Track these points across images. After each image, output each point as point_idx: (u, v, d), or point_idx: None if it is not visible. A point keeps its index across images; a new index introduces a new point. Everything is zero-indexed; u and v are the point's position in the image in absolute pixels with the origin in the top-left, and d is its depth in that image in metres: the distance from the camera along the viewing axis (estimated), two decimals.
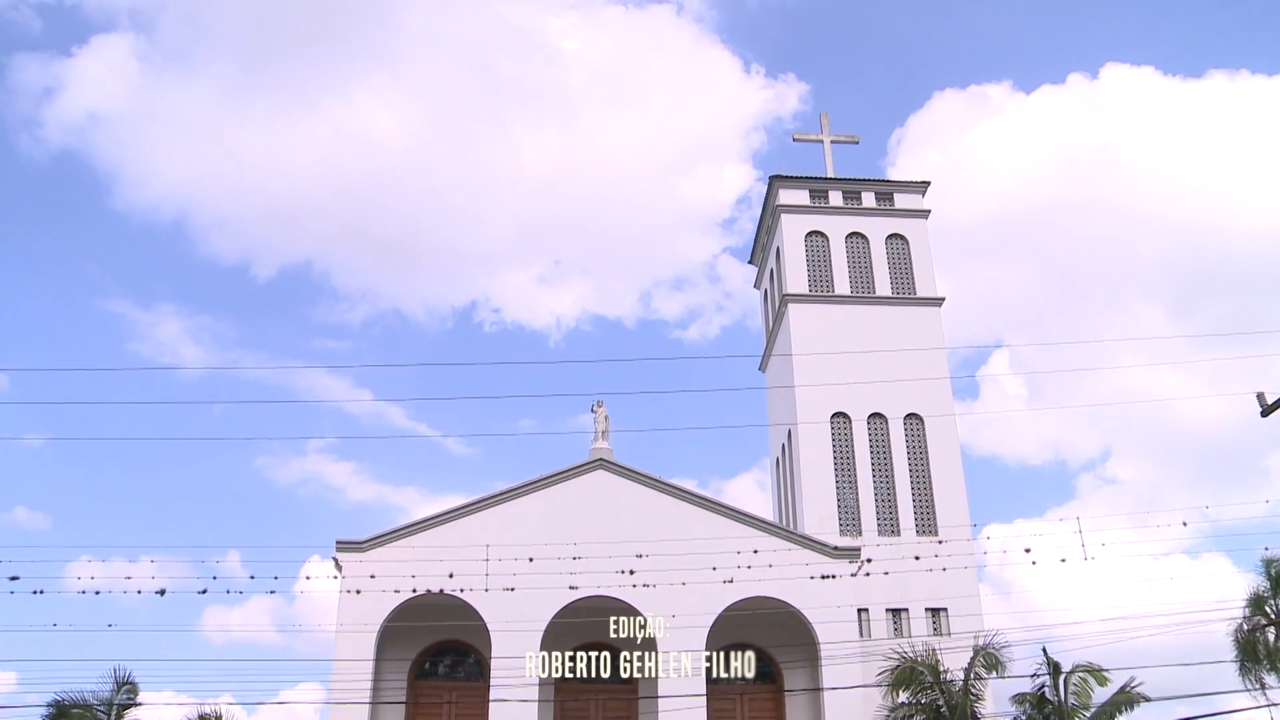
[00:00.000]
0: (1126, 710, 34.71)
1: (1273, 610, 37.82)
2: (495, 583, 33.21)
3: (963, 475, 46.45)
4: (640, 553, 30.95)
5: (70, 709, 32.96)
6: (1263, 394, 21.66)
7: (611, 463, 40.73)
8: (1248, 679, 36.89)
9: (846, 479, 46.18)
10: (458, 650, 41.14)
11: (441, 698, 40.51)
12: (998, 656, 34.30)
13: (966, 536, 41.77)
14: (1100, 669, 34.84)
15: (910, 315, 49.31)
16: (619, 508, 39.11)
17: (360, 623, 36.81)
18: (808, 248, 51.06)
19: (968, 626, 39.26)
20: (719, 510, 40.30)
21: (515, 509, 39.22)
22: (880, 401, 46.91)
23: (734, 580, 34.30)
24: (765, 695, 41.24)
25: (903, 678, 34.41)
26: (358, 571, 36.93)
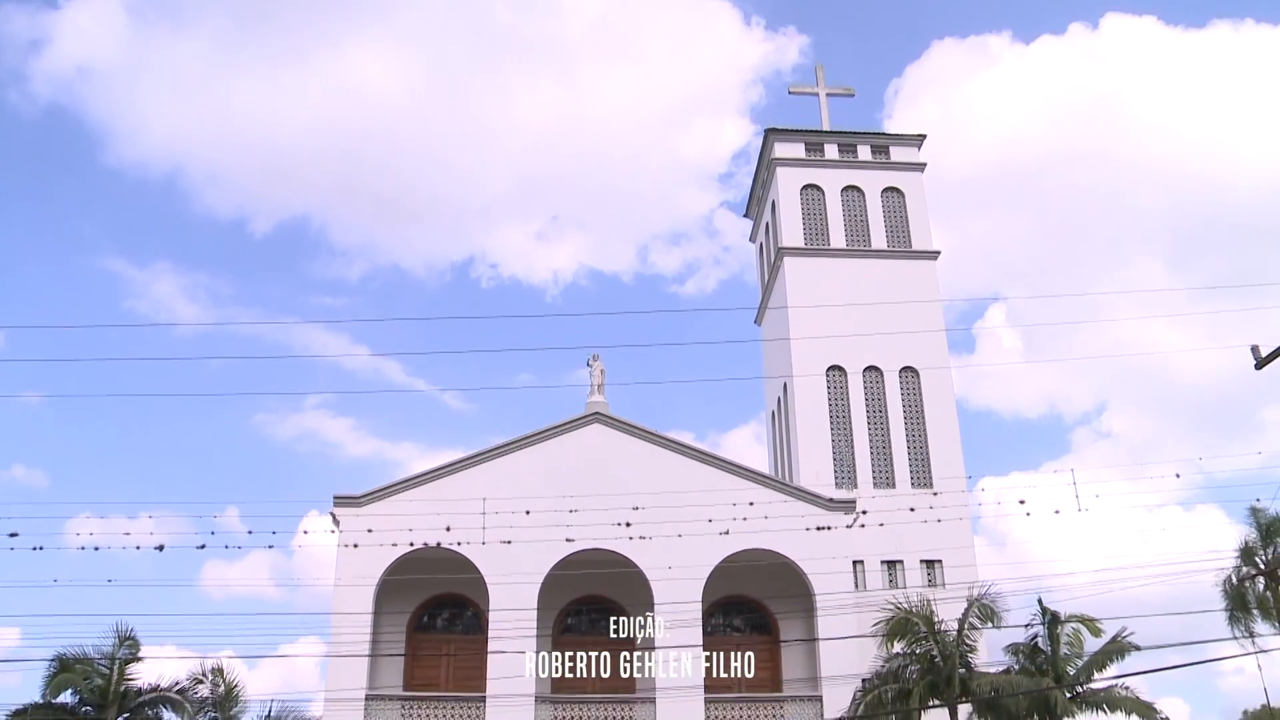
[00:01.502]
0: (1118, 659, 35.10)
1: (1262, 560, 38.11)
2: (492, 536, 33.36)
3: (958, 428, 46.62)
4: (636, 505, 31.04)
5: (73, 664, 33.21)
6: (1257, 346, 21.67)
7: (607, 416, 40.83)
8: (1237, 628, 37.24)
9: (842, 432, 46.31)
10: (456, 603, 41.43)
11: (440, 650, 40.85)
12: (992, 607, 34.58)
13: (961, 488, 41.98)
14: (1093, 619, 35.17)
15: (906, 268, 49.27)
16: (615, 461, 39.26)
17: (359, 576, 37.03)
18: (803, 201, 50.90)
19: (962, 578, 39.53)
20: (715, 463, 40.47)
21: (512, 463, 39.35)
22: (876, 354, 46.96)
23: (730, 532, 34.49)
24: (761, 646, 41.60)
25: (897, 629, 34.71)
26: (355, 526, 37.10)
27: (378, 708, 37.13)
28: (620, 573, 37.96)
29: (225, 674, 34.07)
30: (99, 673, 33.43)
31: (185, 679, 34.46)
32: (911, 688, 33.87)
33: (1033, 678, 34.60)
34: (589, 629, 41.86)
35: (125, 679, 33.76)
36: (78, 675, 33.13)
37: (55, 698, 33.39)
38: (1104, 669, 35.12)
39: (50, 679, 33.14)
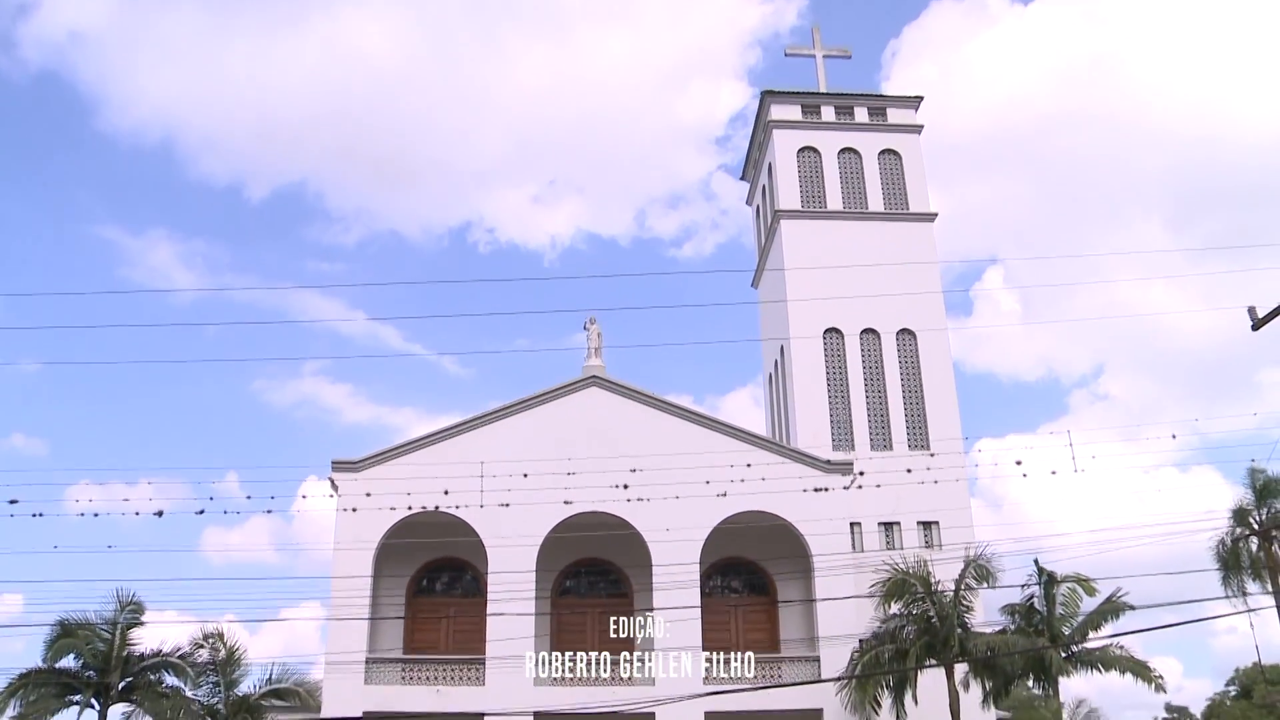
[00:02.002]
0: (1113, 619, 35.38)
1: (1256, 521, 38.30)
2: (491, 499, 33.46)
3: (955, 390, 46.70)
4: (634, 468, 31.12)
5: (75, 629, 33.39)
6: (1254, 308, 21.67)
7: (604, 379, 40.84)
8: (1229, 587, 37.48)
9: (839, 394, 46.38)
10: (455, 567, 41.61)
11: (440, 613, 41.07)
12: (988, 568, 34.79)
13: (958, 450, 42.12)
14: (1088, 579, 35.41)
15: (903, 231, 49.17)
16: (613, 424, 39.31)
17: (358, 540, 37.17)
18: (800, 163, 50.73)
19: (959, 539, 39.77)
20: (712, 425, 40.53)
21: (509, 427, 39.41)
22: (873, 317, 46.96)
23: (727, 494, 34.58)
24: (759, 607, 41.86)
25: (894, 589, 34.93)
26: (354, 490, 37.21)
27: (378, 670, 37.36)
28: (618, 535, 38.08)
29: (226, 638, 34.27)
30: (101, 638, 33.63)
31: (187, 644, 34.71)
32: (908, 648, 34.14)
33: (1028, 637, 34.90)
34: (587, 591, 42.11)
35: (127, 644, 33.99)
36: (80, 640, 33.33)
37: (57, 662, 33.63)
38: (1099, 628, 35.45)
39: (52, 644, 33.35)
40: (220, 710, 33.33)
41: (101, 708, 33.54)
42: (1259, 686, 73.42)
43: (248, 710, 33.28)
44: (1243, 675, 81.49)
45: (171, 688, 34.64)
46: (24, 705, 33.00)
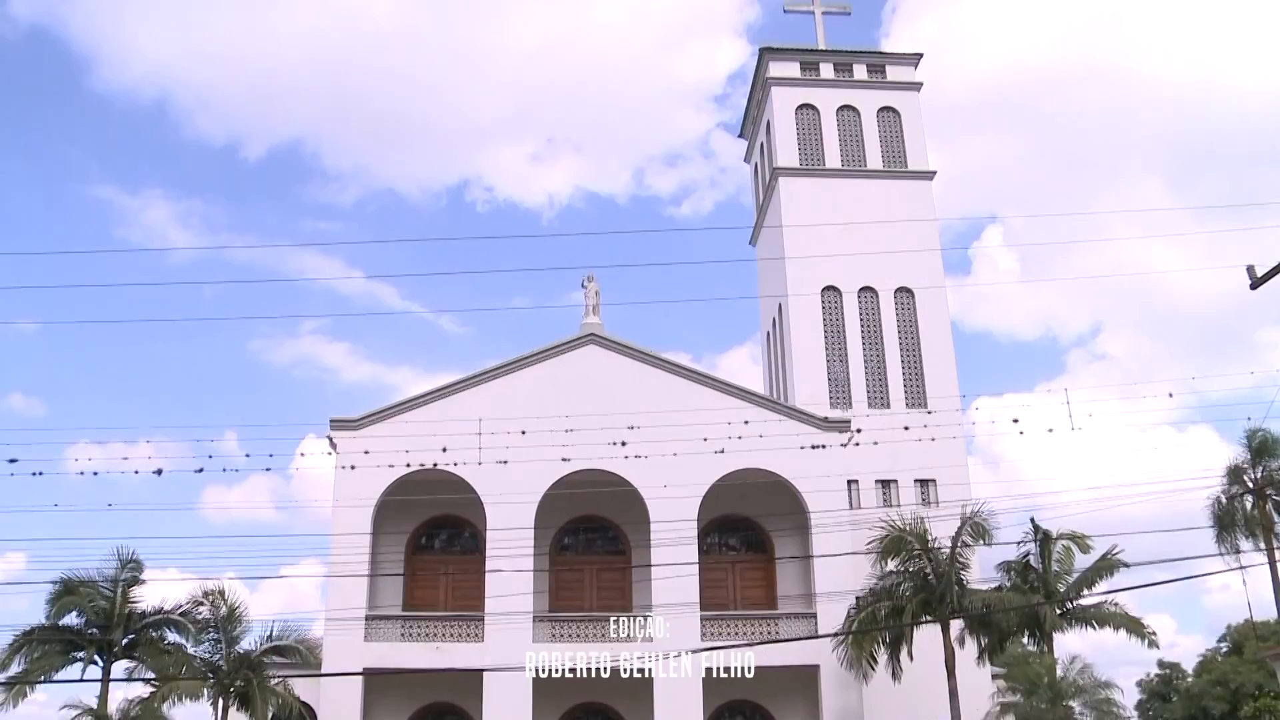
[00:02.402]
0: (1108, 576, 35.60)
1: (1251, 480, 38.52)
2: (489, 457, 33.49)
3: (952, 348, 46.75)
4: (632, 425, 31.15)
5: (77, 586, 33.56)
6: (1252, 266, 21.60)
7: (602, 337, 40.81)
8: (1223, 545, 37.74)
9: (837, 352, 46.41)
10: (454, 524, 41.78)
11: (439, 570, 41.30)
12: (984, 525, 34.92)
13: (956, 408, 42.20)
14: (1083, 536, 35.59)
15: (901, 189, 49.01)
16: (610, 381, 39.32)
17: (357, 498, 37.30)
18: (798, 121, 50.49)
19: (955, 496, 39.91)
20: (710, 383, 40.56)
21: (507, 384, 39.42)
22: (871, 275, 46.91)
23: (725, 451, 34.63)
24: (756, 564, 42.10)
25: (891, 547, 35.10)
26: (352, 448, 37.26)
27: (378, 627, 37.62)
28: (616, 492, 38.20)
29: (227, 595, 34.46)
30: (102, 595, 33.82)
31: (188, 601, 34.89)
32: (905, 604, 34.36)
33: (1024, 594, 35.12)
34: (585, 549, 42.32)
35: (128, 601, 34.20)
36: (82, 598, 33.52)
37: (61, 620, 33.83)
38: (1093, 586, 35.64)
39: (55, 601, 33.55)
40: (222, 667, 33.55)
41: (105, 664, 33.81)
42: (1250, 643, 74.05)
43: (249, 667, 33.50)
44: (1234, 632, 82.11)
45: (173, 644, 34.91)
46: (29, 662, 33.26)
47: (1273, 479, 38.22)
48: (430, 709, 40.03)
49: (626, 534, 41.11)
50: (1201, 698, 77.30)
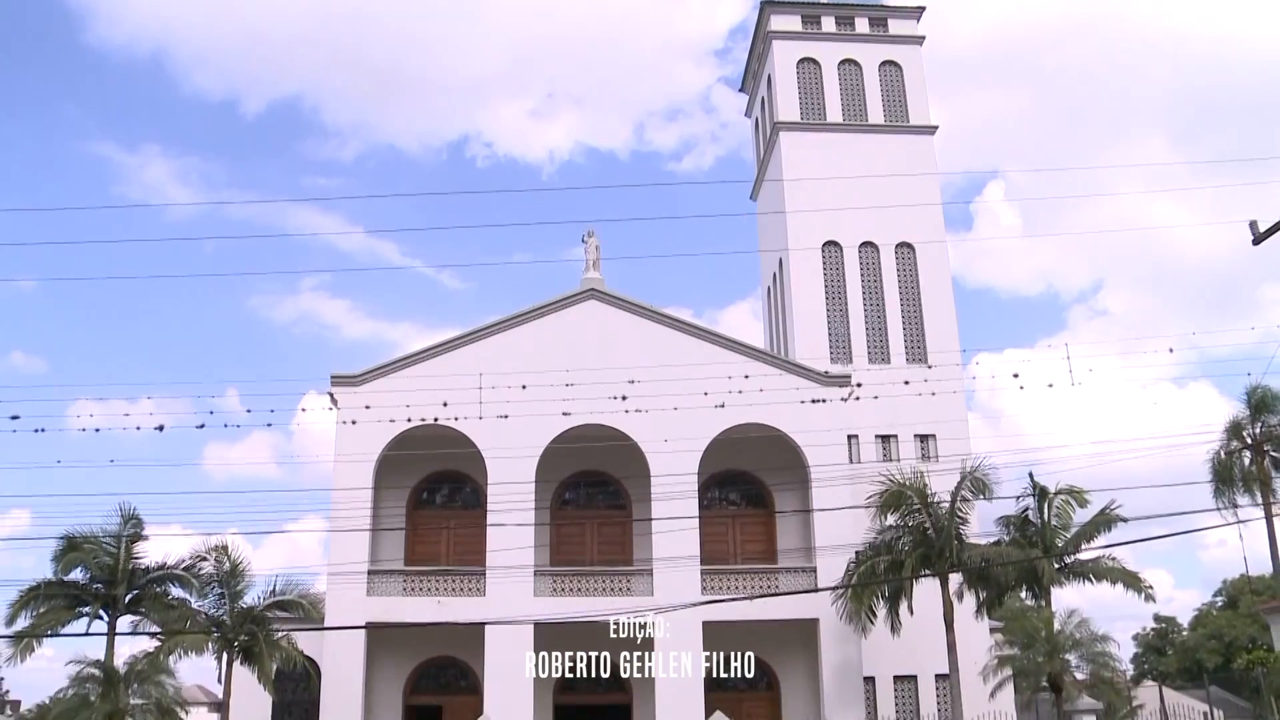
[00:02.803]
0: (1106, 531, 35.76)
1: (1250, 436, 38.62)
2: (489, 411, 33.53)
3: (953, 302, 46.68)
4: (632, 380, 31.17)
5: (81, 542, 33.70)
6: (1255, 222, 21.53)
7: (603, 292, 40.75)
8: (1221, 500, 37.90)
9: (837, 307, 46.36)
10: (455, 480, 41.92)
11: (440, 525, 41.49)
12: (984, 480, 35.04)
13: (956, 363, 42.23)
14: (1081, 491, 35.72)
15: (903, 143, 48.73)
16: (611, 336, 39.31)
17: (358, 453, 37.41)
18: (799, 75, 50.13)
19: (955, 451, 40.03)
20: (710, 338, 40.56)
21: (508, 340, 39.41)
22: (872, 230, 46.77)
23: (725, 406, 34.68)
24: (756, 519, 42.30)
25: (891, 501, 35.26)
26: (353, 403, 37.33)
27: (380, 582, 37.86)
28: (617, 446, 38.30)
29: (230, 551, 34.60)
30: (106, 551, 33.96)
31: (191, 556, 35.05)
32: (904, 559, 34.56)
33: (1022, 549, 35.29)
34: (586, 503, 42.51)
35: (132, 557, 34.35)
36: (86, 554, 33.67)
37: (66, 575, 34.01)
38: (1092, 540, 35.79)
39: (60, 557, 33.71)
40: (225, 621, 33.77)
41: (110, 619, 34.01)
42: (1245, 597, 74.65)
43: (252, 621, 33.70)
44: (1229, 586, 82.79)
45: (177, 599, 35.12)
46: (35, 616, 33.47)
47: (1272, 435, 38.32)
48: (432, 662, 40.39)
49: (627, 488, 41.26)
50: (1196, 651, 78.13)
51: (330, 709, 35.75)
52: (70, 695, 28.63)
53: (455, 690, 40.14)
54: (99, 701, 27.32)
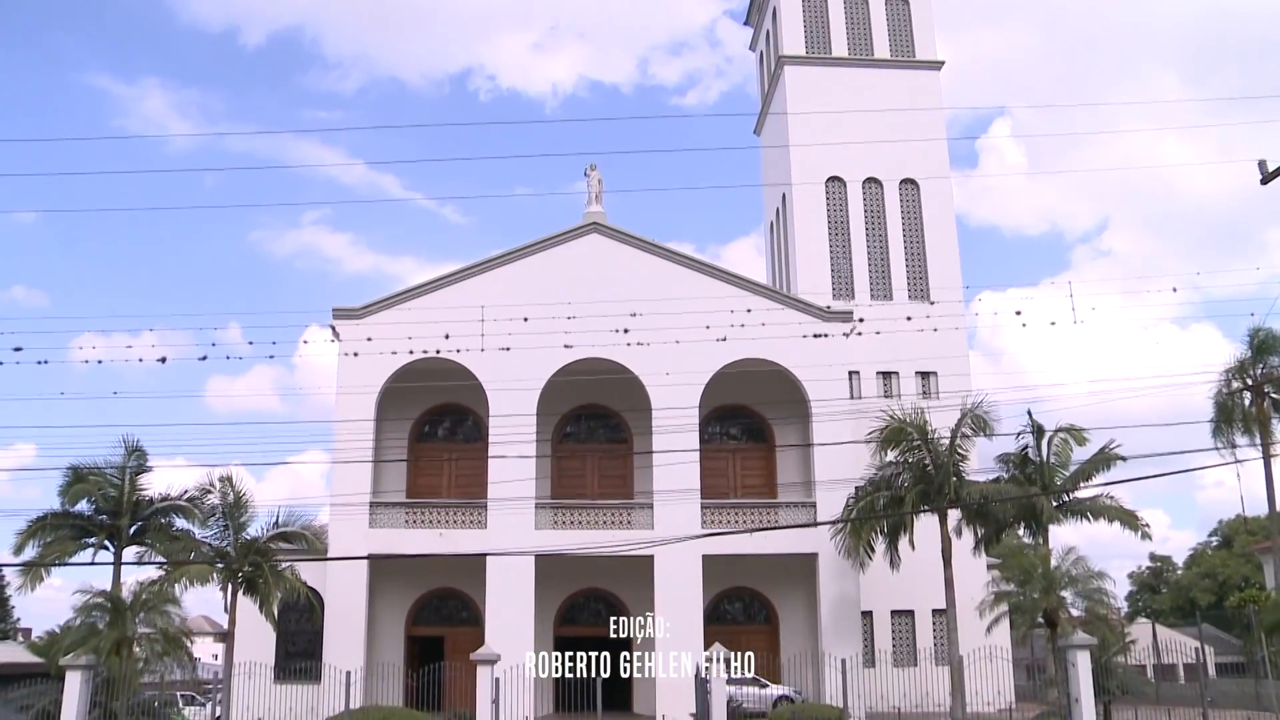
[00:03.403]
0: (1104, 469, 35.85)
1: (1251, 377, 38.57)
2: (491, 344, 33.47)
3: (956, 240, 46.53)
4: (634, 313, 31.07)
5: (86, 474, 33.82)
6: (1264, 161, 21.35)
7: (605, 226, 40.57)
8: (1219, 440, 37.93)
9: (840, 243, 46.21)
10: (456, 413, 42.04)
11: (442, 457, 41.66)
12: (984, 418, 35.09)
13: (958, 299, 42.15)
14: (1081, 429, 35.78)
15: (908, 79, 48.29)
16: (613, 270, 39.18)
17: (360, 385, 37.45)
18: (805, 8, 49.50)
19: (956, 387, 40.07)
20: (712, 272, 40.46)
21: (510, 273, 39.30)
22: (876, 166, 46.49)
23: (727, 339, 34.62)
24: (756, 454, 42.47)
25: (891, 437, 35.30)
26: (355, 336, 37.31)
27: (382, 514, 38.10)
28: (618, 380, 38.36)
29: (234, 482, 34.73)
30: (111, 483, 34.08)
31: (195, 488, 35.21)
32: (903, 495, 34.72)
33: (1021, 486, 35.43)
34: (587, 437, 42.66)
35: (136, 489, 34.48)
36: (91, 486, 33.79)
37: (72, 507, 34.18)
38: (1090, 479, 35.90)
39: (66, 488, 33.85)
40: (230, 552, 33.98)
41: (115, 550, 34.23)
42: (1240, 537, 75.26)
43: (256, 552, 33.91)
44: (1225, 527, 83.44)
45: (182, 531, 35.31)
46: (43, 547, 33.71)
47: (1272, 377, 38.28)
48: (434, 594, 40.80)
49: (628, 422, 41.39)
50: (1190, 589, 78.96)
51: (333, 640, 36.14)
52: (79, 624, 28.88)
53: (457, 622, 40.59)
54: (107, 630, 27.57)
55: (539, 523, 37.65)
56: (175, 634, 28.54)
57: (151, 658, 28.24)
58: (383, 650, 38.27)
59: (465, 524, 37.92)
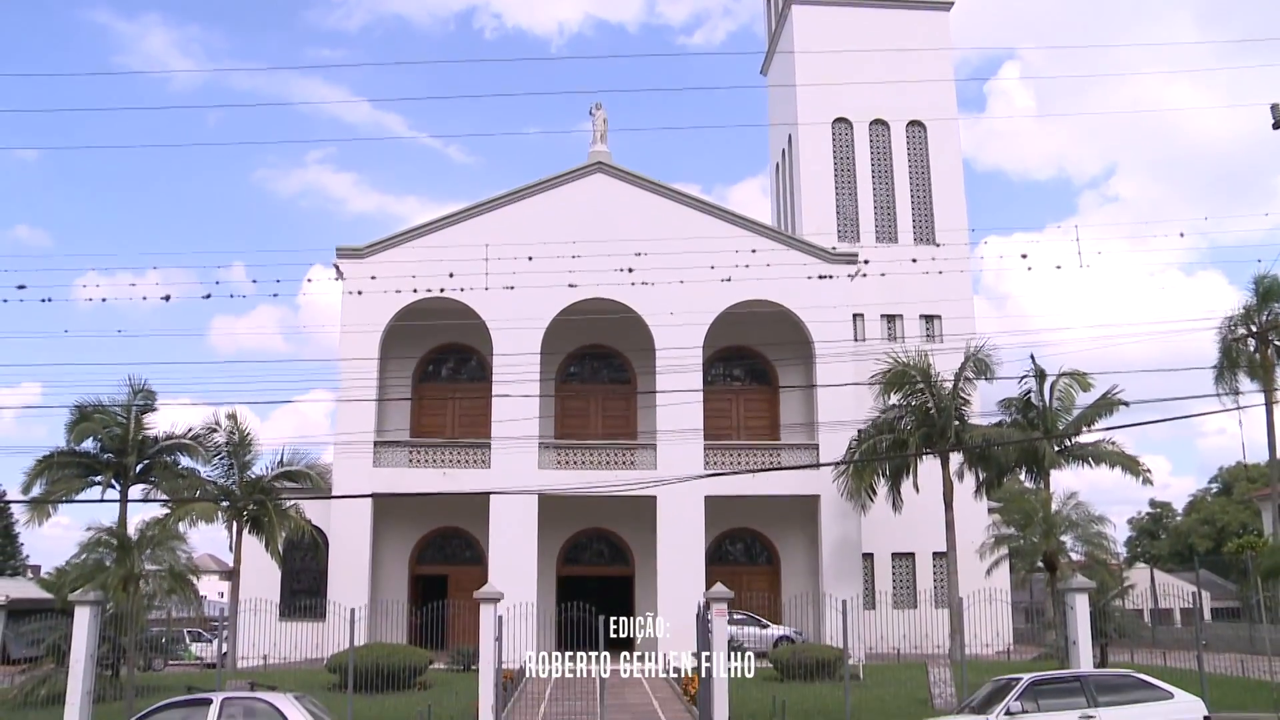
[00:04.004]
0: (1107, 415, 35.92)
1: (1256, 324, 38.52)
2: (495, 283, 33.37)
3: (963, 183, 46.24)
4: (639, 252, 30.94)
5: (92, 413, 33.92)
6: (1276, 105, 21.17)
7: (610, 166, 40.32)
8: (1222, 386, 37.97)
9: (846, 185, 45.95)
10: (461, 352, 42.06)
11: (446, 396, 41.74)
12: (987, 362, 35.09)
13: (964, 242, 41.96)
14: (1084, 374, 35.80)
15: (917, 19, 47.73)
16: (617, 210, 38.92)
17: (364, 324, 37.43)
18: None
19: (960, 331, 40.01)
20: (717, 213, 40.25)
21: (514, 213, 39.10)
22: (883, 107, 46.09)
23: (731, 280, 34.50)
24: (760, 395, 42.53)
25: (894, 380, 35.34)
26: (359, 274, 37.23)
27: (386, 453, 38.24)
28: (622, 320, 38.30)
29: (238, 421, 34.86)
30: (116, 422, 34.19)
31: (200, 427, 35.32)
32: (906, 438, 34.82)
33: (1023, 431, 35.51)
34: (591, 377, 42.71)
35: (142, 427, 34.59)
36: (96, 424, 33.91)
37: (78, 445, 34.33)
38: (1092, 424, 35.97)
39: (72, 427, 33.97)
40: (235, 491, 34.17)
41: (121, 488, 34.43)
42: (1240, 484, 75.47)
43: (261, 491, 34.10)
44: (1225, 474, 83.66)
45: (187, 469, 35.50)
46: (49, 484, 33.90)
47: (1277, 323, 38.22)
48: (438, 533, 41.10)
49: (631, 362, 41.40)
50: (1188, 535, 79.32)
51: (338, 578, 36.43)
52: (85, 560, 29.10)
53: (460, 561, 40.91)
54: (114, 566, 27.77)
55: (542, 462, 37.79)
56: (181, 571, 28.74)
57: (158, 594, 28.48)
58: (387, 588, 38.59)
59: (469, 463, 38.06)
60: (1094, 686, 17.16)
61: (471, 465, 37.95)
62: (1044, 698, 16.86)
